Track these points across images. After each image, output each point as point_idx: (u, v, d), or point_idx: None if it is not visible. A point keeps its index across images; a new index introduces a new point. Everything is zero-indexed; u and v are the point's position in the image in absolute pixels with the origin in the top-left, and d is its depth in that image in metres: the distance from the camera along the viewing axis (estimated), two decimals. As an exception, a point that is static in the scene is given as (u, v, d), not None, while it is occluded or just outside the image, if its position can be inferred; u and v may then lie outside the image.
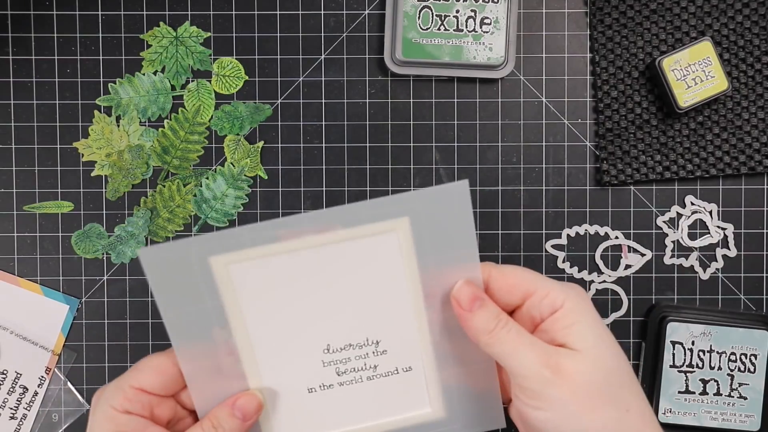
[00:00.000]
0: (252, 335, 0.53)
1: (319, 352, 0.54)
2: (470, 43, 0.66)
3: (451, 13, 0.65)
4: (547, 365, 0.47)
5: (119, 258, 0.68)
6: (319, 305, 0.53)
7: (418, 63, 0.66)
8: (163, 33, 0.67)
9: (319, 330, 0.54)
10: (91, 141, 0.67)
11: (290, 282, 0.53)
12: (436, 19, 0.66)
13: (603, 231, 0.68)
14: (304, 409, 0.55)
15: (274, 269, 0.52)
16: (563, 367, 0.46)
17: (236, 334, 0.52)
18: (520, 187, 0.67)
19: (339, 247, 0.52)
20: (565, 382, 0.46)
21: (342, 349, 0.54)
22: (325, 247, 0.52)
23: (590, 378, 0.46)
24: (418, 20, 0.65)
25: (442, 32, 0.66)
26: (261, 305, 0.53)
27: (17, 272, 0.68)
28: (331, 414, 0.55)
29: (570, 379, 0.46)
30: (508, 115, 0.68)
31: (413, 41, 0.66)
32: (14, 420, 0.67)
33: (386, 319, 0.54)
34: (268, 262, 0.52)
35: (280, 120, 0.68)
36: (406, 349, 0.55)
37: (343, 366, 0.54)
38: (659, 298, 0.68)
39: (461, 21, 0.66)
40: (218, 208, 0.67)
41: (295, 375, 0.54)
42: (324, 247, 0.52)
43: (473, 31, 0.66)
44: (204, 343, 0.52)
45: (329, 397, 0.55)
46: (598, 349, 0.47)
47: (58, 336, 0.67)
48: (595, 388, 0.46)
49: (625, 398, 0.47)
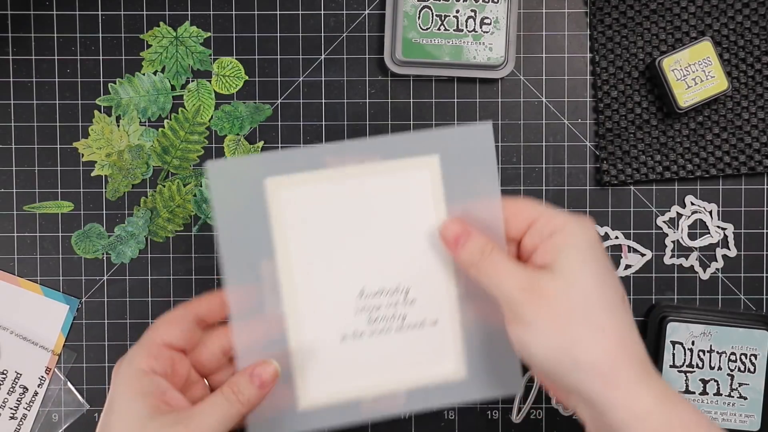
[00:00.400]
0: (294, 272, 0.57)
1: (353, 296, 0.58)
2: (470, 43, 0.66)
3: (451, 13, 0.65)
4: (525, 289, 0.48)
5: (119, 258, 0.68)
6: (356, 244, 0.57)
7: (418, 63, 0.66)
8: (163, 33, 0.67)
9: (356, 271, 0.58)
10: (91, 141, 0.67)
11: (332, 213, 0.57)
12: (436, 19, 0.66)
13: (603, 231, 0.68)
14: (336, 358, 0.58)
15: (319, 197, 0.57)
16: (540, 287, 0.48)
17: (281, 269, 0.57)
18: (520, 187, 0.67)
19: (376, 180, 0.57)
20: (541, 302, 0.47)
21: (375, 294, 0.58)
22: (364, 179, 0.57)
23: (564, 297, 0.47)
24: (418, 20, 0.65)
25: (442, 32, 0.66)
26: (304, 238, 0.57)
27: (17, 272, 0.68)
28: (360, 365, 0.58)
29: (545, 299, 0.47)
30: (508, 115, 0.67)
31: (413, 41, 0.66)
32: (14, 420, 0.67)
33: (416, 266, 0.58)
34: (314, 189, 0.57)
35: (280, 120, 0.68)
36: (433, 301, 0.58)
37: (374, 313, 0.58)
38: (659, 298, 0.68)
39: (461, 21, 0.66)
40: (218, 208, 0.67)
41: (329, 320, 0.58)
42: (363, 178, 0.57)
43: (473, 31, 0.66)
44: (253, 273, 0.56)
45: (359, 347, 0.58)
46: (578, 271, 0.47)
47: (58, 336, 0.67)
48: (567, 308, 0.47)
49: (600, 319, 0.47)
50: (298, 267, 0.57)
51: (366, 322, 0.58)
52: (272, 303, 0.57)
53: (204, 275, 0.68)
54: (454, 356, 0.59)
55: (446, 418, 0.67)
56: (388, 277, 0.58)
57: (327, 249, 0.58)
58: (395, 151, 0.58)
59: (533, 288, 0.48)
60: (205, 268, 0.67)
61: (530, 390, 0.68)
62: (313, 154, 0.57)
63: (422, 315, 0.58)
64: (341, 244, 0.58)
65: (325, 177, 0.57)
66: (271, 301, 0.57)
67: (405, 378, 0.59)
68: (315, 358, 0.58)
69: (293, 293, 0.58)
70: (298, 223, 0.57)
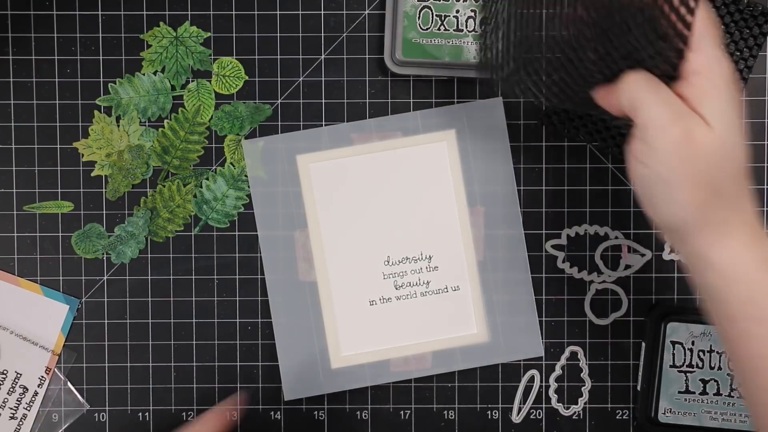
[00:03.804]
0: (324, 241, 0.62)
1: (380, 263, 0.63)
2: (470, 43, 0.66)
3: (451, 13, 0.65)
4: (677, 125, 0.46)
5: (119, 258, 0.68)
6: (381, 214, 0.63)
7: (418, 63, 0.66)
8: (163, 33, 0.67)
9: (381, 240, 0.63)
10: (91, 141, 0.67)
11: (357, 186, 0.62)
12: (436, 19, 0.66)
13: (603, 231, 0.68)
14: (365, 321, 0.63)
15: (345, 171, 0.62)
16: (693, 134, 0.46)
17: (312, 238, 0.62)
18: (520, 187, 0.67)
19: (398, 154, 0.62)
20: (684, 150, 0.46)
21: (400, 261, 0.63)
22: (386, 153, 0.62)
23: (709, 156, 0.46)
24: (418, 20, 0.65)
25: (442, 32, 0.66)
26: (332, 210, 0.62)
27: (17, 272, 0.68)
28: (388, 327, 0.63)
29: (691, 149, 0.46)
30: (508, 115, 0.67)
31: (413, 41, 0.65)
32: (14, 420, 0.67)
33: (438, 235, 0.63)
34: (341, 164, 0.62)
35: (280, 120, 0.68)
36: (455, 267, 0.63)
37: (400, 279, 0.63)
38: (659, 298, 0.68)
39: (461, 21, 0.66)
40: (219, 208, 0.67)
41: (358, 286, 0.63)
42: (386, 152, 0.62)
43: (473, 31, 0.66)
44: (287, 242, 0.62)
45: (387, 311, 0.63)
46: (729, 133, 0.47)
47: (58, 336, 0.67)
48: (704, 167, 0.46)
49: (724, 186, 0.47)
50: (327, 236, 0.62)
51: (393, 287, 0.63)
52: (304, 270, 0.62)
53: (204, 275, 0.68)
54: (476, 321, 0.63)
55: (446, 418, 0.67)
56: (411, 245, 0.63)
57: (354, 219, 0.63)
58: (415, 127, 0.62)
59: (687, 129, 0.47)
60: (205, 269, 0.67)
61: (530, 390, 0.68)
62: (340, 131, 0.63)
63: (445, 281, 0.62)
64: (367, 215, 0.63)
65: (351, 152, 0.62)
66: (303, 269, 0.62)
67: (431, 340, 0.63)
68: (345, 321, 0.63)
69: (323, 261, 0.62)
70: (326, 196, 0.62)
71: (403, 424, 0.67)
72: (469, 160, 0.62)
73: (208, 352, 0.68)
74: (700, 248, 0.48)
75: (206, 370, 0.68)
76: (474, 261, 0.63)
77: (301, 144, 0.63)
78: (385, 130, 0.63)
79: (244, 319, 0.67)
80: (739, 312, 0.47)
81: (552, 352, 0.68)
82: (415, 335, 0.63)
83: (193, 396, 0.68)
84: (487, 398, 0.67)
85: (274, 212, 0.63)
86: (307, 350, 0.62)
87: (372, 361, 0.63)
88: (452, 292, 0.63)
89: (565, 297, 0.68)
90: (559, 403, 0.68)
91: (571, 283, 0.68)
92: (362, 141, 0.63)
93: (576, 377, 0.68)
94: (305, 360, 0.62)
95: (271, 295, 0.63)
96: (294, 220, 0.63)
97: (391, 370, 0.64)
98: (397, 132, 0.63)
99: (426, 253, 0.63)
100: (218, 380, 0.68)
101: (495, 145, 0.62)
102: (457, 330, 0.63)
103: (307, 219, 0.63)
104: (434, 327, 0.63)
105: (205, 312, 0.68)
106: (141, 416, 0.68)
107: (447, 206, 0.62)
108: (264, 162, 0.63)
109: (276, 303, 0.63)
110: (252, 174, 0.62)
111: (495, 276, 0.63)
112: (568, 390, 0.68)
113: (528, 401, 0.68)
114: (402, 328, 0.63)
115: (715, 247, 0.47)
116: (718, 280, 0.47)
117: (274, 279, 0.63)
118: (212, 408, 0.63)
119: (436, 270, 0.63)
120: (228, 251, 0.67)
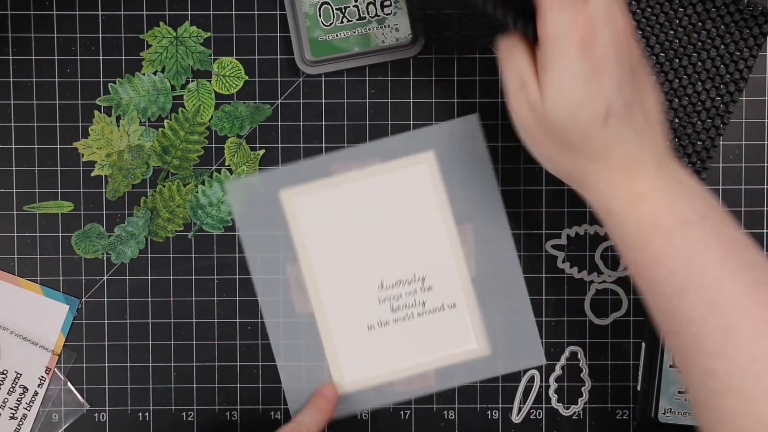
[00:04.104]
0: (317, 272, 0.63)
1: (374, 288, 0.63)
2: (376, 28, 0.65)
3: (351, 3, 0.65)
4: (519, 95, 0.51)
5: (119, 258, 0.68)
6: (370, 241, 0.63)
7: (330, 60, 0.66)
8: (163, 33, 0.67)
9: (373, 266, 0.63)
10: (91, 141, 0.67)
11: (344, 215, 0.63)
12: (337, 13, 0.65)
13: (603, 231, 0.68)
14: (365, 346, 0.63)
15: (330, 201, 0.63)
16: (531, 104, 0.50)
17: (305, 271, 0.63)
18: (520, 187, 0.67)
19: (380, 180, 0.63)
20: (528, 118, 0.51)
21: (394, 285, 0.63)
22: (368, 180, 0.62)
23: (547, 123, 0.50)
24: (320, 18, 0.65)
25: (345, 24, 0.65)
26: (322, 241, 0.63)
27: (17, 272, 0.68)
28: (389, 350, 0.63)
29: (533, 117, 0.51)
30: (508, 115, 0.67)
31: (320, 39, 0.65)
32: (14, 420, 0.67)
33: (429, 255, 0.63)
34: (325, 194, 0.63)
35: (280, 120, 0.68)
36: (448, 285, 0.63)
37: (396, 302, 0.63)
38: (659, 298, 0.68)
39: (362, 9, 0.65)
40: (213, 214, 0.67)
41: (355, 313, 0.63)
42: (368, 180, 0.62)
43: (376, 15, 0.65)
44: (280, 277, 0.63)
45: (386, 334, 0.63)
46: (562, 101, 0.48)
47: (58, 336, 0.67)
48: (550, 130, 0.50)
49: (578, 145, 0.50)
50: (319, 268, 0.63)
51: (389, 310, 0.63)
52: (300, 301, 0.63)
53: (204, 275, 0.68)
54: (476, 335, 0.63)
55: (446, 418, 0.67)
56: (403, 268, 0.63)
57: (344, 248, 0.63)
58: (394, 152, 0.63)
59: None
60: (205, 269, 0.67)
61: (530, 390, 0.68)
62: (319, 164, 0.63)
63: (440, 299, 0.62)
64: (356, 243, 0.63)
65: (334, 183, 0.63)
66: (299, 300, 0.63)
67: (433, 359, 0.64)
68: (346, 349, 0.63)
69: (318, 292, 0.63)
70: (314, 228, 0.63)
71: (403, 424, 0.67)
72: (452, 180, 0.63)
73: (208, 352, 0.68)
74: (583, 192, 0.52)
75: (206, 370, 0.68)
76: (468, 278, 0.63)
77: (283, 180, 0.63)
78: (365, 157, 0.63)
79: (244, 319, 0.67)
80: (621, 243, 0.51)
81: (552, 352, 0.68)
82: (416, 356, 0.64)
83: (193, 396, 0.68)
84: (487, 398, 0.67)
85: (264, 251, 0.64)
86: (312, 381, 0.63)
87: (375, 385, 0.64)
88: (449, 310, 0.63)
89: (565, 297, 0.68)
90: (559, 403, 0.68)
91: (571, 283, 0.68)
92: (343, 171, 0.63)
93: (576, 377, 0.68)
94: (312, 389, 0.63)
95: (271, 336, 0.64)
96: (285, 256, 0.63)
97: (396, 390, 0.64)
98: (377, 158, 0.63)
99: (419, 275, 0.63)
100: (218, 380, 0.68)
101: (475, 162, 0.62)
102: (457, 346, 0.64)
103: (297, 253, 0.63)
104: (434, 346, 0.64)
105: (205, 312, 0.68)
106: (141, 416, 0.68)
107: (435, 227, 0.63)
108: (248, 202, 0.63)
109: (276, 340, 0.64)
110: (238, 214, 0.63)
111: (490, 290, 0.63)
112: (568, 390, 0.68)
113: (528, 401, 0.68)
114: (402, 350, 0.64)
115: (591, 192, 0.52)
116: (604, 218, 0.52)
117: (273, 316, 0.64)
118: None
119: (430, 290, 0.63)
120: (228, 251, 0.67)
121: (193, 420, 0.68)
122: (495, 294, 0.63)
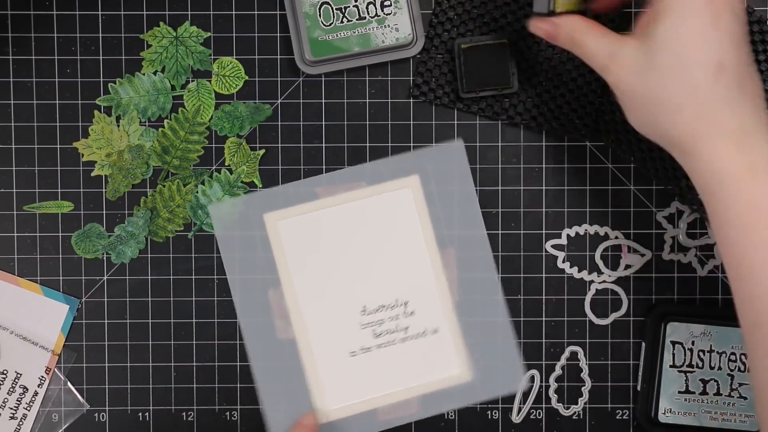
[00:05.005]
0: (299, 297, 0.62)
1: (357, 313, 0.62)
2: (376, 28, 0.65)
3: (351, 3, 0.65)
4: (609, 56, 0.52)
5: (119, 258, 0.68)
6: (353, 265, 0.62)
7: (330, 60, 0.66)
8: (163, 33, 0.67)
9: (355, 291, 0.62)
10: (91, 141, 0.67)
11: (327, 239, 0.62)
12: (337, 13, 0.65)
13: (603, 231, 0.68)
14: (348, 373, 0.63)
15: (314, 225, 0.62)
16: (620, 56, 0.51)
17: (287, 295, 0.62)
18: (520, 187, 0.67)
19: (364, 204, 0.62)
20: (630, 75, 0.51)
21: (376, 310, 0.62)
22: (352, 203, 0.62)
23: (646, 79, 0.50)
24: (320, 18, 0.65)
25: (345, 24, 0.65)
26: (304, 265, 0.62)
27: (17, 272, 0.68)
28: (371, 376, 0.63)
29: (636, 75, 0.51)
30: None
31: (320, 39, 0.65)
32: (14, 420, 0.67)
33: (411, 280, 0.62)
34: (309, 218, 0.62)
35: (280, 120, 0.68)
36: (431, 310, 0.63)
37: (378, 328, 0.62)
38: (659, 298, 0.68)
39: (362, 9, 0.65)
40: (218, 208, 0.67)
41: (337, 339, 0.63)
42: (352, 203, 0.62)
43: (376, 15, 0.65)
44: (261, 302, 0.62)
45: (369, 360, 0.63)
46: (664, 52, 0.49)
47: (58, 336, 0.67)
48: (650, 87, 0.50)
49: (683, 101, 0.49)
50: (301, 292, 0.62)
51: (371, 336, 0.63)
52: (282, 327, 0.62)
53: (204, 275, 0.68)
54: (458, 361, 0.63)
55: (446, 418, 0.67)
56: (386, 292, 0.63)
57: (326, 272, 0.63)
58: (378, 176, 0.63)
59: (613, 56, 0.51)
60: (205, 269, 0.67)
61: (530, 390, 0.68)
62: (304, 187, 0.63)
63: (423, 325, 0.62)
64: (339, 267, 0.63)
65: (318, 206, 0.63)
66: (280, 326, 0.62)
67: (415, 385, 0.63)
68: (328, 375, 0.63)
69: (300, 317, 0.62)
70: (297, 251, 0.62)
71: (403, 423, 0.67)
72: (435, 204, 0.63)
73: (208, 352, 0.68)
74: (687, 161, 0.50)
75: (206, 370, 0.68)
76: (450, 302, 0.63)
77: (267, 202, 0.63)
78: (350, 180, 0.63)
79: (244, 319, 0.67)
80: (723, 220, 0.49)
81: (552, 352, 0.68)
82: (399, 382, 0.64)
83: (193, 396, 0.68)
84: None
85: (246, 274, 0.63)
86: (294, 408, 0.63)
87: (359, 412, 0.63)
88: (431, 335, 0.63)
89: (565, 297, 0.68)
90: (559, 403, 0.68)
91: (571, 283, 0.68)
92: (327, 194, 0.63)
93: (576, 377, 0.68)
94: (294, 417, 0.63)
95: (252, 359, 0.63)
96: (267, 280, 0.63)
97: (378, 419, 0.63)
98: (362, 182, 0.63)
99: (401, 299, 0.63)
100: (218, 380, 0.68)
101: (459, 188, 0.62)
102: (439, 372, 0.64)
103: (280, 277, 0.63)
104: (417, 371, 0.63)
105: (205, 312, 0.68)
106: (141, 416, 0.68)
107: (418, 251, 0.63)
108: (232, 224, 0.63)
109: (258, 366, 0.63)
110: (220, 237, 0.63)
111: (472, 315, 0.63)
112: (568, 390, 0.68)
113: (528, 401, 0.68)
114: (385, 376, 0.63)
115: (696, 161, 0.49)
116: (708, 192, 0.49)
117: (254, 342, 0.63)
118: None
119: (413, 315, 0.63)
120: (228, 251, 0.67)
121: (193, 420, 0.68)
122: (476, 318, 0.63)
